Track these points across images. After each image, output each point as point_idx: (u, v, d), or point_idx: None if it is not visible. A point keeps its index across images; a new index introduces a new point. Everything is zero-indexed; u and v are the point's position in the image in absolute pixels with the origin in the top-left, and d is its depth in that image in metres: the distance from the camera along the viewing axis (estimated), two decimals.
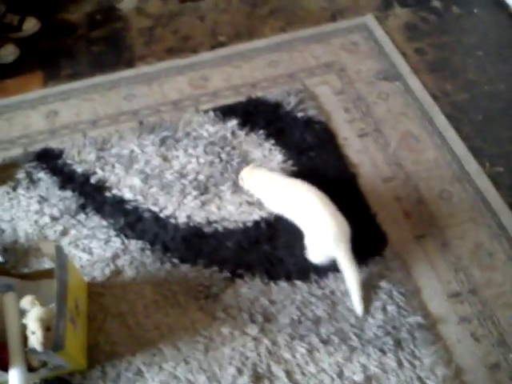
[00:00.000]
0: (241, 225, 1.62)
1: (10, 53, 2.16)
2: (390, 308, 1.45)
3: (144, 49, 2.19)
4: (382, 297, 1.47)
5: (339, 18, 2.24)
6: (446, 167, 1.74)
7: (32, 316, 1.21)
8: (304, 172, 1.71)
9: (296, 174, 1.70)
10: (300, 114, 1.88)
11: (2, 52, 2.15)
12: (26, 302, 1.28)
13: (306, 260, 1.53)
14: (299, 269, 1.53)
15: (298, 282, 1.51)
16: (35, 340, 1.18)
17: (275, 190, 1.58)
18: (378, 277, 1.50)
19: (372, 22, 2.22)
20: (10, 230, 1.66)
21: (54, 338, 1.20)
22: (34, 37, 2.26)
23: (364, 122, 1.86)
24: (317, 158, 1.77)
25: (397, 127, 1.85)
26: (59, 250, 1.36)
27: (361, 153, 1.78)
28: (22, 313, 1.28)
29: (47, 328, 1.19)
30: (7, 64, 2.16)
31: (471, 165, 1.74)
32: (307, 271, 1.52)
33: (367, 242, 1.55)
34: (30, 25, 2.26)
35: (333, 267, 1.50)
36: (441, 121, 1.87)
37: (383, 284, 1.48)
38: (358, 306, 1.43)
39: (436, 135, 1.83)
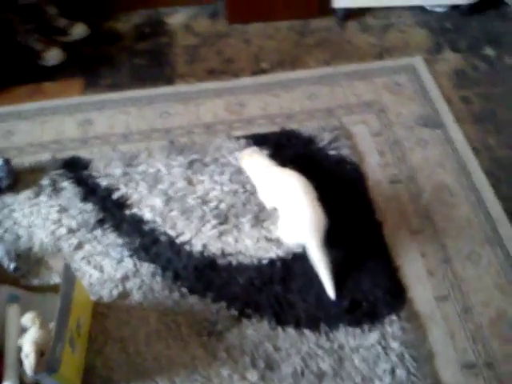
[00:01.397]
0: (255, 261, 1.58)
1: (55, 56, 2.20)
2: (400, 372, 1.37)
3: (186, 67, 2.18)
4: (393, 359, 1.39)
5: (387, 57, 2.18)
6: (477, 227, 1.65)
7: (28, 338, 1.19)
8: (329, 213, 1.65)
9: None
10: (332, 152, 1.83)
11: (47, 54, 2.18)
12: (27, 319, 1.26)
13: (317, 308, 1.47)
14: (309, 316, 1.47)
15: (307, 331, 1.44)
16: (27, 364, 1.16)
17: (267, 176, 1.63)
18: (391, 337, 1.42)
19: (420, 64, 2.15)
20: (26, 237, 1.66)
21: (49, 361, 1.18)
22: (80, 42, 2.28)
23: (398, 168, 1.79)
24: (344, 199, 1.70)
25: (431, 178, 1.77)
26: (67, 269, 1.35)
27: (390, 200, 1.71)
28: (23, 329, 1.26)
29: (41, 353, 1.17)
30: (50, 67, 2.18)
31: (505, 228, 1.64)
32: (318, 320, 1.46)
33: (385, 297, 1.48)
34: (79, 30, 2.30)
35: (346, 320, 1.44)
36: (479, 176, 1.78)
37: (395, 345, 1.41)
38: (330, 291, 1.47)
39: (472, 191, 1.74)
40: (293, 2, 2.27)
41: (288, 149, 1.85)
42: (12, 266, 1.56)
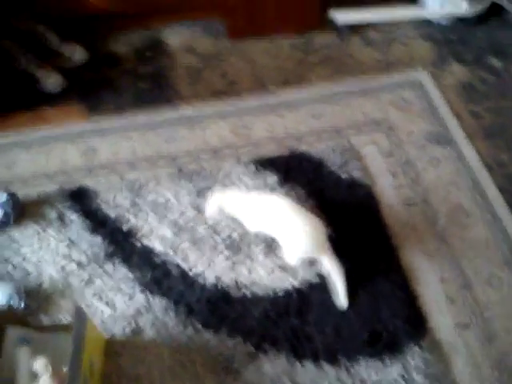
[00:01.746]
0: (270, 292, 1.54)
1: (55, 82, 2.16)
2: None
3: (189, 89, 2.14)
4: None
5: (391, 71, 2.15)
6: (495, 248, 1.62)
7: None
8: (343, 239, 1.62)
9: (334, 239, 1.60)
10: (344, 175, 1.79)
11: (47, 81, 2.15)
12: (40, 365, 1.23)
13: (336, 340, 1.44)
14: (328, 349, 1.44)
15: (326, 365, 1.41)
16: None
17: (248, 205, 1.58)
18: (413, 369, 1.38)
19: (426, 78, 2.11)
20: (36, 273, 1.62)
21: None
22: (80, 67, 2.25)
23: (412, 190, 1.76)
24: (358, 224, 1.67)
25: (447, 198, 1.74)
26: (79, 311, 1.31)
27: (405, 223, 1.68)
28: (34, 375, 1.23)
29: None
30: (51, 94, 2.15)
31: None
32: (337, 353, 1.43)
33: (405, 326, 1.44)
34: (79, 54, 2.26)
35: (366, 353, 1.40)
36: (493, 194, 1.75)
37: (418, 378, 1.37)
38: (343, 300, 1.47)
39: (487, 210, 1.71)
40: (295, 17, 2.24)
41: (298, 173, 1.82)
42: (22, 304, 1.52)
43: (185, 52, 2.30)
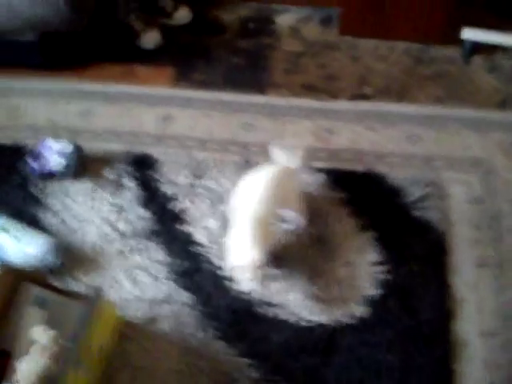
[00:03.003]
0: (297, 321, 1.43)
1: (152, 39, 2.11)
2: None
3: (283, 76, 2.01)
4: None
5: (509, 107, 1.86)
6: None
7: (23, 369, 1.14)
8: (396, 286, 1.46)
9: (388, 285, 1.46)
10: (417, 213, 1.60)
11: (146, 36, 2.11)
12: (37, 332, 1.21)
13: None
14: None
15: None
16: None
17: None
18: None
19: None
20: (80, 233, 1.62)
21: None
22: (180, 28, 2.18)
23: (489, 250, 1.53)
24: (417, 274, 1.49)
25: None
26: (96, 293, 1.28)
27: (469, 287, 1.47)
28: (31, 343, 1.22)
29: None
30: (145, 50, 2.11)
31: None
32: None
33: None
34: (182, 14, 2.19)
35: None
36: None
37: None
38: None
39: None
40: (416, 22, 1.99)
41: (368, 195, 1.65)
42: (58, 262, 1.53)
43: (290, 35, 2.15)
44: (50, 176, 1.73)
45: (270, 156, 1.58)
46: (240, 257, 1.33)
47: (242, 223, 1.39)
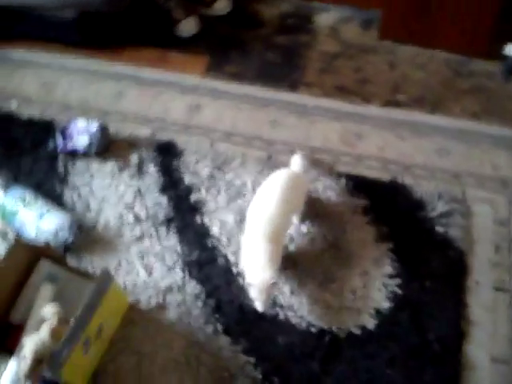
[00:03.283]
0: (304, 325, 1.40)
1: (190, 28, 2.11)
2: None
3: (316, 76, 1.98)
4: None
5: None
6: None
7: (30, 343, 1.15)
8: (408, 301, 1.42)
9: (400, 299, 1.43)
10: (440, 229, 1.55)
11: (183, 23, 2.10)
12: (48, 311, 1.22)
13: None
14: None
15: None
16: (23, 366, 1.11)
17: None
18: None
19: None
20: (95, 212, 1.63)
21: (51, 364, 1.14)
22: (218, 18, 2.17)
23: (508, 274, 1.48)
24: (431, 291, 1.45)
25: None
26: (105, 276, 1.28)
27: (485, 310, 1.42)
28: (40, 322, 1.23)
29: (39, 361, 1.11)
30: (181, 37, 2.10)
31: None
32: None
33: None
34: (222, 5, 2.18)
35: None
36: None
37: None
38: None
39: None
40: (460, 33, 1.92)
41: (390, 206, 1.61)
42: (70, 239, 1.53)
43: (328, 34, 2.11)
44: (73, 153, 1.74)
45: (292, 162, 1.59)
46: (255, 276, 1.31)
47: (256, 240, 1.37)
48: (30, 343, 1.14)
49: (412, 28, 1.99)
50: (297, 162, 1.59)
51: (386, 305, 1.42)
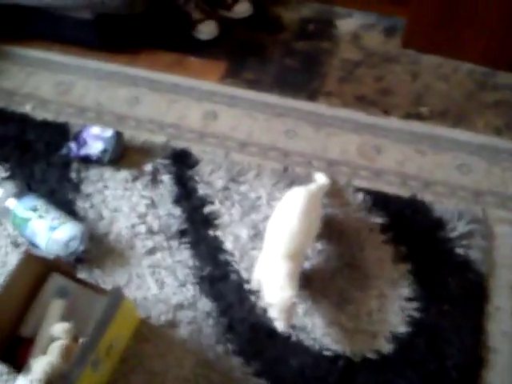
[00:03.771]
0: (317, 347, 1.37)
1: (209, 30, 2.07)
2: None
3: (336, 85, 1.93)
4: None
5: None
6: None
7: (39, 364, 1.13)
8: (426, 326, 1.38)
9: (418, 323, 1.39)
10: (459, 250, 1.50)
11: (202, 26, 2.06)
12: (59, 330, 1.20)
13: None
14: None
15: None
16: None
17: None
18: None
19: None
20: (108, 221, 1.61)
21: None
22: (238, 22, 2.13)
23: None
24: (450, 315, 1.40)
25: None
26: (116, 293, 1.26)
27: (505, 337, 1.38)
28: (50, 338, 1.21)
29: (49, 383, 1.09)
30: (199, 40, 2.07)
31: None
32: None
33: None
34: (243, 8, 2.14)
35: None
36: None
37: None
38: None
39: None
40: (487, 44, 1.86)
41: (408, 224, 1.57)
42: (81, 248, 1.51)
43: (349, 41, 2.06)
44: (86, 159, 1.72)
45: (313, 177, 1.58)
46: (274, 296, 1.28)
47: (275, 258, 1.34)
48: (40, 365, 1.11)
49: (437, 37, 1.93)
50: (320, 180, 1.58)
51: (402, 329, 1.38)
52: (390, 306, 1.42)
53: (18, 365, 1.24)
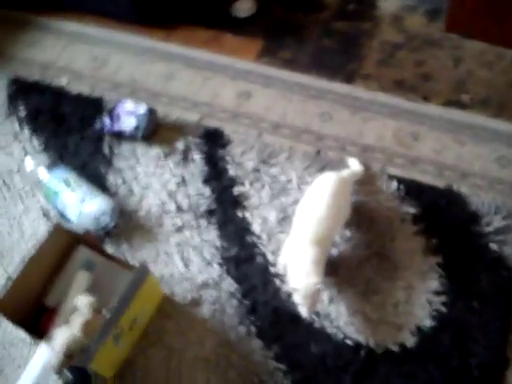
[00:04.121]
0: (340, 336, 1.35)
1: (246, 8, 2.04)
2: None
3: (374, 68, 1.87)
4: None
5: None
6: None
7: (61, 336, 1.15)
8: (453, 321, 1.35)
9: (444, 318, 1.35)
10: (493, 246, 1.45)
11: (239, 4, 2.03)
12: (82, 302, 1.22)
13: None
14: None
15: None
16: (53, 360, 1.12)
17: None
18: None
19: None
20: (138, 198, 1.62)
21: (81, 358, 1.15)
22: (276, 0, 2.08)
23: None
24: (478, 312, 1.36)
25: None
26: (142, 269, 1.27)
27: None
28: (73, 309, 1.23)
29: (70, 356, 1.11)
30: (236, 17, 2.03)
31: None
32: None
33: None
34: None
35: None
36: None
37: None
38: None
39: None
40: None
41: (442, 216, 1.52)
42: (111, 224, 1.53)
43: (391, 23, 1.99)
44: (119, 134, 1.73)
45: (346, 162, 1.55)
46: (299, 281, 1.27)
47: (302, 243, 1.32)
48: (62, 337, 1.14)
49: (481, 22, 1.84)
50: (353, 166, 1.55)
51: (428, 323, 1.35)
52: (416, 299, 1.39)
53: (42, 332, 1.28)
